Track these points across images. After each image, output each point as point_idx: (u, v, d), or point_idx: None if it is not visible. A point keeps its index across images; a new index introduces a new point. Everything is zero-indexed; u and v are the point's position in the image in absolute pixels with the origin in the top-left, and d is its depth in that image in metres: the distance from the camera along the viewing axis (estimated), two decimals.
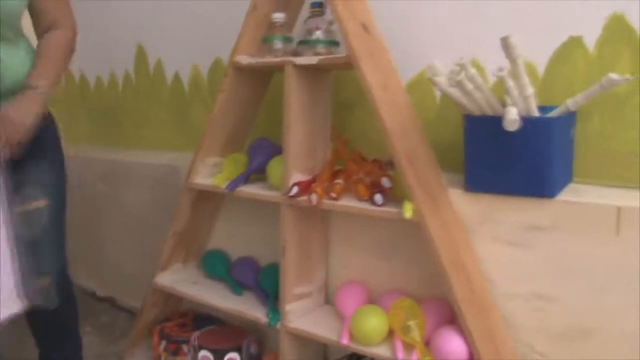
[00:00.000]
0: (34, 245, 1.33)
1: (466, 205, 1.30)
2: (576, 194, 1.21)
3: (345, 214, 1.49)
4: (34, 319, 1.50)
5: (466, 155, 1.26)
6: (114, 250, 2.36)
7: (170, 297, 1.83)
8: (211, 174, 1.62)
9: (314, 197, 1.33)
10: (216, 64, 1.95)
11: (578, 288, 1.21)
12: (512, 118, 1.08)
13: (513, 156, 1.19)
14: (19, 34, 1.34)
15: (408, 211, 1.20)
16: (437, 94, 1.46)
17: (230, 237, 1.82)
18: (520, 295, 1.28)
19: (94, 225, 2.42)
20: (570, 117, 1.23)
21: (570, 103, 1.18)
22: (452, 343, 1.20)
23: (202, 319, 1.81)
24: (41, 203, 1.36)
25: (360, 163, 1.42)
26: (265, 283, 1.60)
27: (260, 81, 1.60)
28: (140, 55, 2.22)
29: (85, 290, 2.49)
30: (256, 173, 1.55)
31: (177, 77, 2.11)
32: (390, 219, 1.27)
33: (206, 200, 1.73)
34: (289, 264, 1.43)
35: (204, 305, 1.75)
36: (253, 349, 1.63)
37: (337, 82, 1.57)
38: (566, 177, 1.28)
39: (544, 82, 1.31)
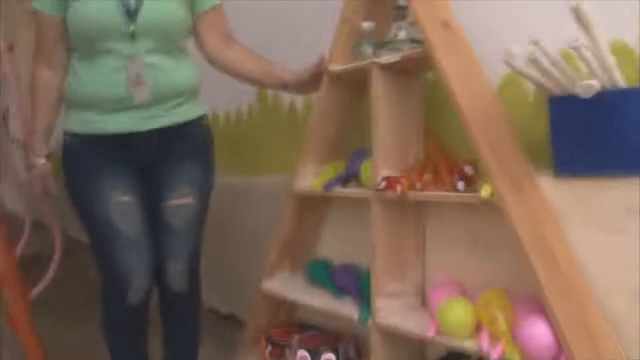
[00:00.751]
0: (176, 234, 1.56)
1: (556, 192, 1.24)
2: None
3: (438, 210, 1.49)
4: (165, 301, 1.67)
5: (552, 137, 1.22)
6: (237, 269, 2.52)
7: (276, 305, 1.91)
8: (313, 180, 1.71)
9: (398, 188, 1.35)
10: None
11: None
12: (586, 84, 1.04)
13: (602, 132, 1.13)
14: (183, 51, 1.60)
15: (486, 190, 1.18)
16: (530, 90, 1.43)
17: (334, 245, 1.88)
18: (625, 291, 1.18)
19: (219, 247, 2.62)
20: None
21: None
22: (537, 328, 1.13)
23: (307, 327, 1.86)
24: (189, 200, 1.58)
25: (447, 158, 1.42)
26: (365, 287, 1.62)
27: (356, 87, 1.68)
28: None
29: (212, 309, 2.67)
30: (354, 177, 1.60)
31: (292, 103, 2.27)
32: (478, 209, 1.26)
33: (310, 208, 1.82)
34: (379, 259, 1.45)
35: (308, 311, 1.81)
36: (351, 353, 1.64)
37: (434, 88, 1.60)
38: None
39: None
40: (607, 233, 1.19)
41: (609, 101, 1.08)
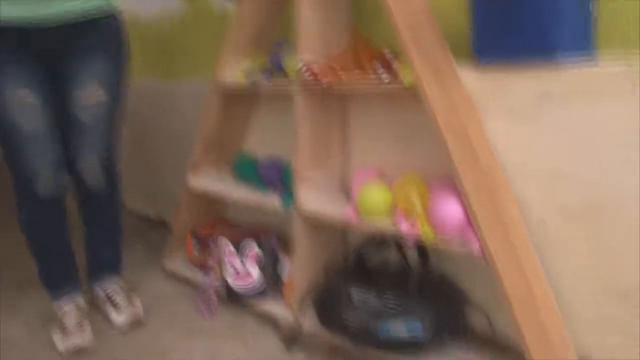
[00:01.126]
0: (86, 129, 1.53)
1: (475, 80, 1.27)
2: (592, 62, 1.15)
3: (362, 101, 1.51)
4: (83, 200, 1.66)
5: (472, 23, 1.23)
6: (166, 174, 2.49)
7: (203, 203, 1.92)
8: (237, 74, 1.68)
9: (323, 79, 1.35)
10: None
11: (593, 162, 1.16)
12: None
13: (520, 17, 1.15)
14: None
15: (406, 76, 1.19)
16: None
17: (260, 141, 1.88)
18: (533, 172, 1.25)
19: (147, 153, 2.56)
20: None
21: None
22: (449, 207, 1.19)
23: (233, 225, 1.89)
24: (99, 95, 1.52)
25: (370, 50, 1.42)
26: (289, 178, 1.64)
27: None
28: None
29: (141, 216, 2.65)
30: (278, 70, 1.58)
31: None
32: (399, 97, 1.27)
33: (235, 103, 1.79)
34: (302, 148, 1.47)
35: (236, 211, 1.82)
36: (274, 244, 1.68)
37: None
38: (583, 46, 1.21)
39: None
40: (521, 121, 1.24)
41: None
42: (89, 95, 1.51)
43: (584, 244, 1.21)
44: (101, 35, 1.52)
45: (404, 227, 1.25)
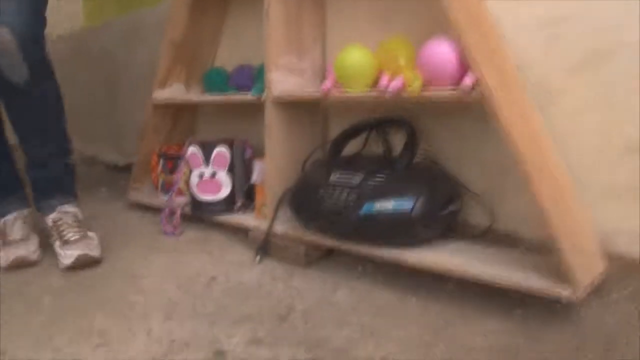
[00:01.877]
0: None
1: None
2: None
3: None
4: (7, 101, 1.31)
5: None
6: (133, 117, 2.31)
7: (170, 119, 1.74)
8: None
9: None
10: None
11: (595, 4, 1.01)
12: None
13: None
14: None
15: None
16: None
17: (231, 53, 1.71)
18: (530, 24, 1.08)
19: (112, 96, 2.39)
20: None
21: None
22: (439, 47, 1.01)
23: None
24: None
25: None
26: (260, 78, 1.47)
27: None
28: None
29: (109, 164, 2.46)
30: None
31: None
32: None
33: (205, 4, 1.62)
34: (273, 26, 1.29)
35: (204, 123, 1.64)
36: (247, 153, 1.49)
37: None
38: None
39: None
40: None
41: None
42: None
43: (591, 99, 1.04)
44: None
45: (386, 81, 1.07)
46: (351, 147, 1.30)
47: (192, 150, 1.46)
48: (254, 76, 1.52)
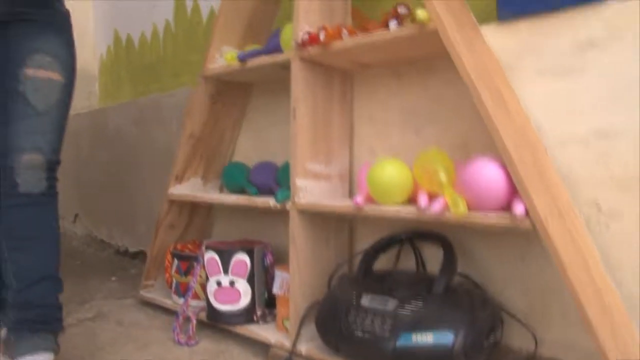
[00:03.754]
0: (35, 115, 1.20)
1: (502, 38, 1.07)
2: None
3: (366, 80, 1.30)
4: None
5: None
6: (149, 198, 2.24)
7: (185, 216, 1.66)
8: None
9: (322, 35, 1.14)
10: None
11: None
12: None
13: None
14: None
15: (422, 13, 0.98)
16: None
17: (251, 148, 1.65)
18: (577, 138, 1.01)
19: (128, 179, 2.33)
20: None
21: None
22: (487, 169, 0.94)
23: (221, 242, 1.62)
24: (55, 75, 1.22)
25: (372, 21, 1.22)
26: (283, 178, 1.40)
27: None
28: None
29: (119, 249, 2.37)
30: (274, 51, 1.37)
31: (212, 13, 2.02)
32: (409, 71, 1.06)
33: (223, 100, 1.58)
34: (300, 127, 1.23)
35: (223, 229, 1.56)
36: (268, 259, 1.40)
37: None
38: None
39: None
40: (556, 77, 1.03)
41: None
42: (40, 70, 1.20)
43: None
44: (50, 20, 1.24)
45: (426, 200, 0.99)
46: (381, 262, 1.21)
47: (210, 256, 1.38)
48: (276, 176, 1.45)
